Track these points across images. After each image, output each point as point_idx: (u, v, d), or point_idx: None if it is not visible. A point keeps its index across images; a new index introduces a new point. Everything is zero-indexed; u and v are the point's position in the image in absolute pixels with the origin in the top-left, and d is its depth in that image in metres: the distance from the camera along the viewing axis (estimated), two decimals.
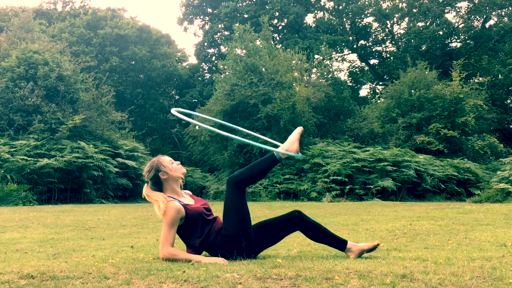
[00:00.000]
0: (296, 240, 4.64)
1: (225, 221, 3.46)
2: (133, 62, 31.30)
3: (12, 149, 14.95)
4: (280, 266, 2.89)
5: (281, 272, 2.67)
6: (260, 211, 9.99)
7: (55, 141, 16.10)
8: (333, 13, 33.57)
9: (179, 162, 3.67)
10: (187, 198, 3.66)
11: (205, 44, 34.37)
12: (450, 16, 32.35)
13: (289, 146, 3.66)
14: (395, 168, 16.70)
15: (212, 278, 2.52)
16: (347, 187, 16.01)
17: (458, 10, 30.63)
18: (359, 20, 33.35)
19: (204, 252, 3.50)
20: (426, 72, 21.92)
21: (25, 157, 14.55)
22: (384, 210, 9.60)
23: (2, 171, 13.89)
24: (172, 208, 3.35)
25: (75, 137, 16.74)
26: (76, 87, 17.72)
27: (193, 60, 37.25)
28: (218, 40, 33.98)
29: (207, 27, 34.62)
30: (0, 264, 3.23)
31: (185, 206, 3.43)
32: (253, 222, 3.55)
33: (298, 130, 3.74)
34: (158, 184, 3.55)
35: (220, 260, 3.21)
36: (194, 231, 3.45)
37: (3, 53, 18.73)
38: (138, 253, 3.87)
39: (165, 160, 3.60)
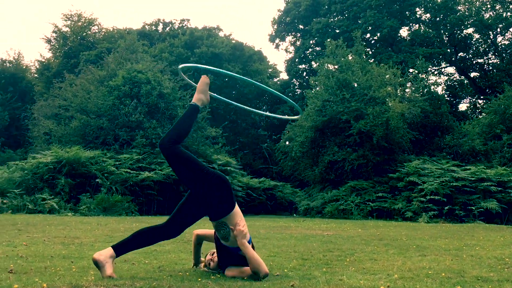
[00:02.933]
0: (395, 265, 4.47)
1: (190, 184, 3.71)
2: (227, 79, 32.37)
3: (117, 162, 16.07)
4: None
5: None
6: (353, 230, 9.78)
7: (155, 155, 17.07)
8: (430, 25, 32.26)
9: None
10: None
11: (296, 60, 34.63)
12: None
13: (203, 94, 4.03)
14: (500, 188, 15.51)
15: None
16: (446, 208, 15.13)
17: None
18: (458, 32, 31.69)
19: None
20: None
21: (128, 170, 15.57)
22: (489, 235, 8.94)
23: (108, 182, 14.96)
24: None
25: None
26: (175, 104, 18.70)
27: (284, 76, 37.67)
28: (309, 56, 34.10)
29: (298, 43, 34.91)
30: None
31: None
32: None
33: (206, 81, 4.08)
34: None
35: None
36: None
37: (111, 73, 20.29)
38: None
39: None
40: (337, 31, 31.52)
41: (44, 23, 42.71)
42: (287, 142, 22.98)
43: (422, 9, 32.32)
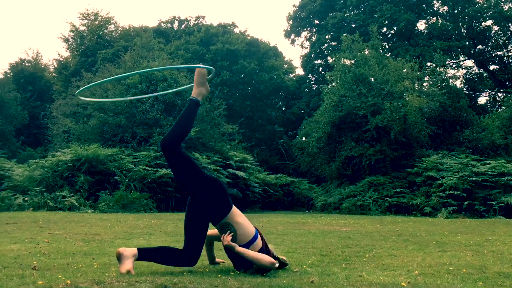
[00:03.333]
0: (415, 261, 4.44)
1: (189, 181, 3.65)
2: (242, 76, 32.39)
3: (135, 160, 16.22)
4: None
5: None
6: (371, 226, 9.73)
7: None
8: (447, 18, 31.79)
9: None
10: None
11: (312, 55, 34.46)
12: None
13: (202, 87, 3.80)
14: None
15: None
16: (465, 203, 14.95)
17: None
18: (477, 24, 31.15)
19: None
20: None
21: (146, 167, 15.70)
22: (510, 230, 8.81)
23: (127, 180, 15.10)
24: None
25: (190, 148, 17.69)
26: None
27: (299, 71, 37.55)
28: (325, 51, 33.88)
29: (314, 38, 34.71)
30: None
31: None
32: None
33: (203, 72, 3.82)
34: None
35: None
36: None
37: (128, 71, 20.43)
38: None
39: None
40: (353, 25, 31.26)
41: (61, 23, 43.15)
42: (303, 138, 22.91)
43: (440, 1, 31.86)
